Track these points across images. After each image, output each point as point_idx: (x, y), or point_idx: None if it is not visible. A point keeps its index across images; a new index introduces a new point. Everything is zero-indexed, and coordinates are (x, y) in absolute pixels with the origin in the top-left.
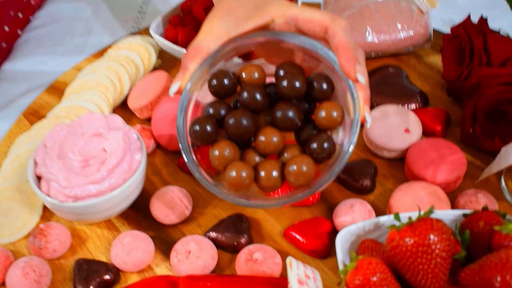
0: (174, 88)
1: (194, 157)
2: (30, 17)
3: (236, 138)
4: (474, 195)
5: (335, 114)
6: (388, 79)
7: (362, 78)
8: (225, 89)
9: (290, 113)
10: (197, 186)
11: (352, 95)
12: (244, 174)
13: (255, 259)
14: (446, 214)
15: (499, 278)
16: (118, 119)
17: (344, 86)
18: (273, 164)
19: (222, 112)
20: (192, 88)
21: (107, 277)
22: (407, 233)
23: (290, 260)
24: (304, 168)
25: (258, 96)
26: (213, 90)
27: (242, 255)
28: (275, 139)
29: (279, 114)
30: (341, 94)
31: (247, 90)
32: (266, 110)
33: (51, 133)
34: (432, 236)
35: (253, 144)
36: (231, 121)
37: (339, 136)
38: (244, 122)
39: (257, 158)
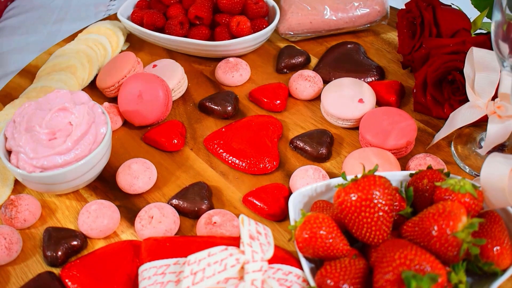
0: None
1: None
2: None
3: None
4: (423, 159)
5: None
6: (346, 55)
7: None
8: None
9: None
10: (161, 159)
11: None
12: None
13: (213, 222)
14: (394, 175)
15: (436, 227)
16: (83, 95)
17: None
18: None
19: None
20: None
21: (74, 243)
22: (351, 189)
23: (242, 217)
24: None
25: None
26: None
27: (202, 219)
28: None
29: None
30: None
31: None
32: None
33: (20, 109)
34: (375, 191)
35: None
36: None
37: None
38: None
39: None
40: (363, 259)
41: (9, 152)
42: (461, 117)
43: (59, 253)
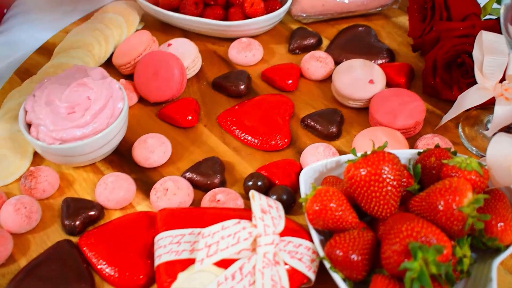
0: None
1: None
2: None
3: None
4: (431, 139)
5: None
6: (358, 37)
7: None
8: None
9: None
10: (175, 135)
11: None
12: None
13: (217, 200)
14: (403, 153)
15: (442, 202)
16: (101, 71)
17: None
18: None
19: None
20: None
21: (92, 213)
22: (361, 164)
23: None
24: None
25: None
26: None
27: (207, 196)
28: None
29: None
30: None
31: None
32: None
33: (40, 84)
34: (383, 167)
35: None
36: None
37: None
38: None
39: None
40: (371, 231)
41: (28, 126)
42: (469, 99)
43: (77, 222)
